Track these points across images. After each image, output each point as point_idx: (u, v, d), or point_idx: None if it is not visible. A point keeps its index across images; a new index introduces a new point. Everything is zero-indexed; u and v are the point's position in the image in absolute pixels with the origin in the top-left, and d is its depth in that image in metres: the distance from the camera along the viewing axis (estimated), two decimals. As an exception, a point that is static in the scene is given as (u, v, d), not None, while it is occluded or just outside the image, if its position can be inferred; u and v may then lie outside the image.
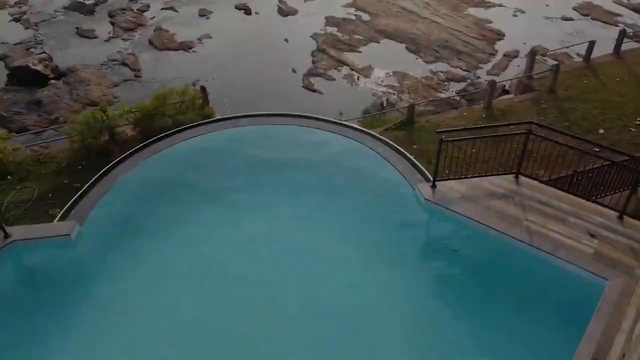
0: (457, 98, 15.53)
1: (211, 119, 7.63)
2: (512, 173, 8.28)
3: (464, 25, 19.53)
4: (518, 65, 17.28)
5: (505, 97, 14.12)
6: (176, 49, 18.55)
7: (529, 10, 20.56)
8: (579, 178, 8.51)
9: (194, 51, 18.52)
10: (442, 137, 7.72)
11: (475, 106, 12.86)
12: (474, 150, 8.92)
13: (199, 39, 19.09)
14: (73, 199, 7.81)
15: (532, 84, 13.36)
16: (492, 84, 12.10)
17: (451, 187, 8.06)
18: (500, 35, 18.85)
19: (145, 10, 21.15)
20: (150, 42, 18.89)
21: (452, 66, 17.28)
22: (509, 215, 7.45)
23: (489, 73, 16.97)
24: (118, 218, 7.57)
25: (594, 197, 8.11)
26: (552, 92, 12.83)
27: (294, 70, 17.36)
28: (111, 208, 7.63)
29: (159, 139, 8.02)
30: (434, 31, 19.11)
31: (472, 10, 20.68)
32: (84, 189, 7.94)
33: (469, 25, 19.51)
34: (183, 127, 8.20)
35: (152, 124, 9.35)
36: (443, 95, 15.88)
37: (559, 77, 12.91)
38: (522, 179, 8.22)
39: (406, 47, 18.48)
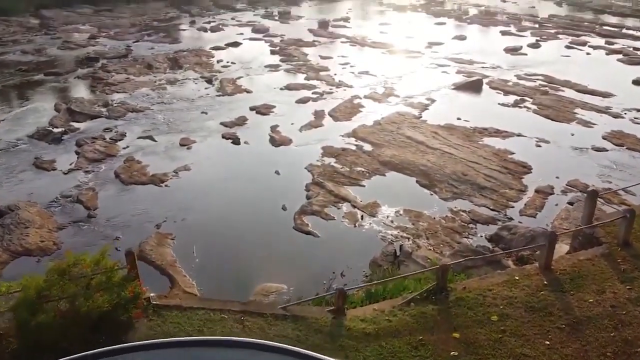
0: (490, 246, 12.18)
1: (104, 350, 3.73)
2: None
3: (481, 156, 16.95)
4: (556, 204, 14.25)
5: (558, 247, 10.79)
6: (145, 183, 15.65)
7: (553, 140, 18.21)
8: None
9: (166, 185, 15.60)
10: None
11: (529, 266, 9.40)
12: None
13: (175, 172, 16.32)
14: None
15: (594, 233, 10.09)
16: (552, 237, 8.79)
17: None
18: (526, 169, 16.14)
19: (120, 140, 18.77)
20: (117, 175, 16.08)
21: (475, 204, 14.22)
22: None
23: (522, 213, 13.85)
24: None
25: None
26: (626, 245, 9.50)
27: (284, 208, 14.26)
28: None
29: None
30: (448, 163, 16.45)
31: (488, 140, 18.31)
32: None
33: (488, 156, 16.93)
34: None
35: (34, 316, 5.81)
36: (469, 242, 12.52)
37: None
38: None
39: (417, 181, 15.64)
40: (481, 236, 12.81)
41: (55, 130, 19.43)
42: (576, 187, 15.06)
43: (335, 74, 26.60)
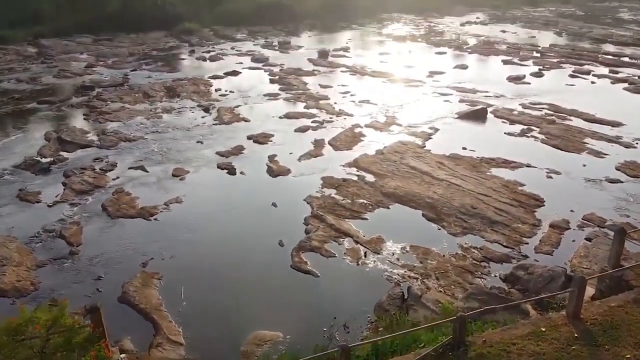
0: (506, 288, 11.16)
1: None
2: None
3: (490, 188, 16.07)
4: (573, 240, 13.27)
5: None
6: (133, 217, 14.70)
7: (565, 171, 17.36)
8: None
9: (155, 219, 14.65)
10: None
11: (555, 314, 8.38)
12: None
13: (166, 204, 15.40)
14: None
15: (624, 276, 9.12)
16: (582, 282, 7.80)
17: None
18: (539, 201, 15.23)
19: (110, 170, 17.91)
20: (104, 208, 15.15)
21: (487, 240, 13.25)
22: None
23: (537, 250, 12.85)
24: None
25: None
26: (661, 289, 8.54)
27: (281, 244, 13.28)
28: None
29: None
30: (456, 195, 15.55)
31: (496, 171, 17.45)
32: None
33: (497, 188, 16.04)
34: None
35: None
36: (483, 282, 11.51)
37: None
38: None
39: (423, 215, 14.70)
40: (495, 276, 11.78)
41: (43, 160, 18.62)
42: (593, 221, 14.12)
43: (335, 103, 25.99)
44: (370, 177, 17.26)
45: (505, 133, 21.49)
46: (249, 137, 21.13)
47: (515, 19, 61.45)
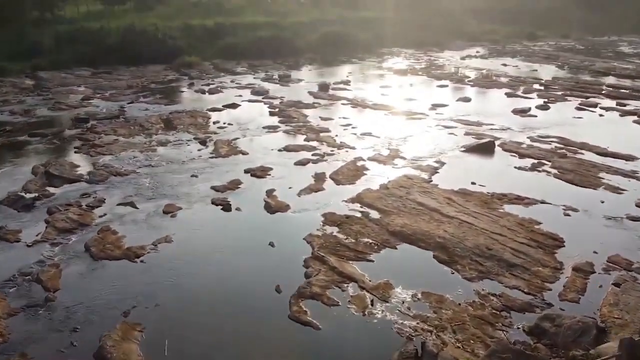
0: (532, 342, 9.90)
1: None
2: None
3: (504, 226, 14.95)
4: (600, 286, 12.08)
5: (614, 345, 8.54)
6: (118, 258, 13.51)
7: (582, 208, 16.27)
8: None
9: (142, 261, 13.45)
10: None
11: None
12: None
13: (154, 244, 14.23)
14: None
15: (674, 332, 7.93)
16: (631, 345, 6.61)
17: None
18: (558, 241, 14.08)
19: (98, 206, 16.80)
20: (87, 248, 13.97)
21: (506, 286, 12.04)
22: None
23: (562, 297, 11.63)
24: None
25: None
26: None
27: (278, 290, 12.05)
28: None
29: None
30: (468, 234, 14.42)
31: (509, 208, 16.37)
32: None
33: (513, 227, 14.92)
34: None
35: None
36: (505, 335, 10.26)
37: None
38: None
39: (434, 256, 13.53)
40: (518, 328, 10.53)
41: (28, 195, 17.54)
42: (619, 264, 12.96)
43: (336, 135, 25.15)
44: (374, 214, 16.17)
45: (515, 167, 20.51)
46: (246, 171, 20.16)
47: (516, 53, 61.53)
